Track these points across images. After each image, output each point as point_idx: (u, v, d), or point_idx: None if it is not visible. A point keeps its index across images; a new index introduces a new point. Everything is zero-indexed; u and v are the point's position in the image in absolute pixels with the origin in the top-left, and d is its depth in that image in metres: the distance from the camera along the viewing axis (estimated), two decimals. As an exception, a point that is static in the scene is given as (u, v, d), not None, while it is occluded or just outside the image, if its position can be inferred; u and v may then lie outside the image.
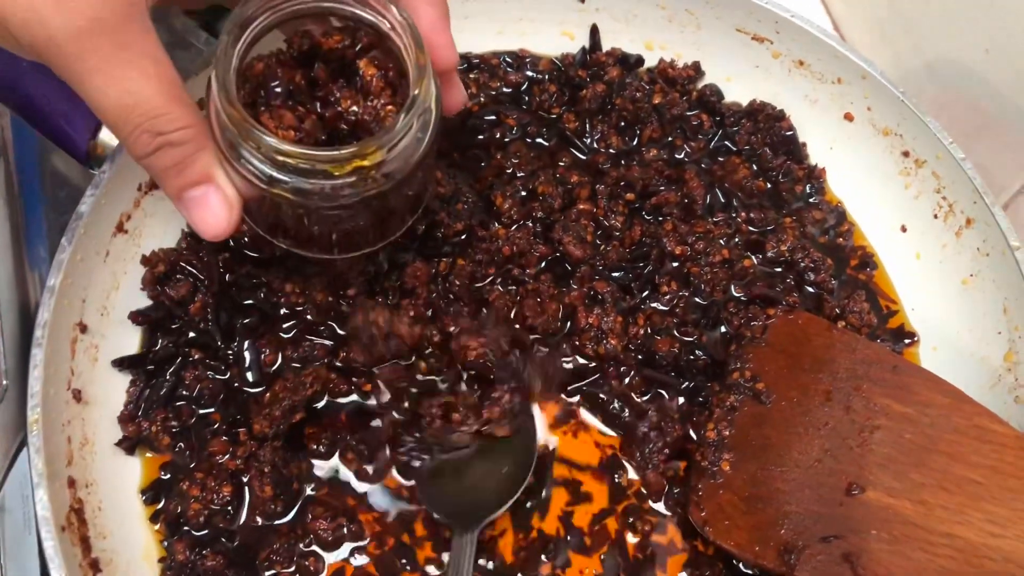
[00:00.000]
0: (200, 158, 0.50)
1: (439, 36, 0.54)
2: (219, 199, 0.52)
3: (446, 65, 0.55)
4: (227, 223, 0.52)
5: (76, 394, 0.62)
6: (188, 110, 0.49)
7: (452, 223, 0.73)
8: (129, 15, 0.45)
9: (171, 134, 0.48)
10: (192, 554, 0.61)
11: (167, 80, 0.47)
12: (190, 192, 0.51)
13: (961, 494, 0.60)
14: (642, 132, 0.81)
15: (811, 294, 0.74)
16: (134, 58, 0.46)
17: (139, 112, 0.47)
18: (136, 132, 0.48)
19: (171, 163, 0.50)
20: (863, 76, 0.77)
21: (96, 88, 0.46)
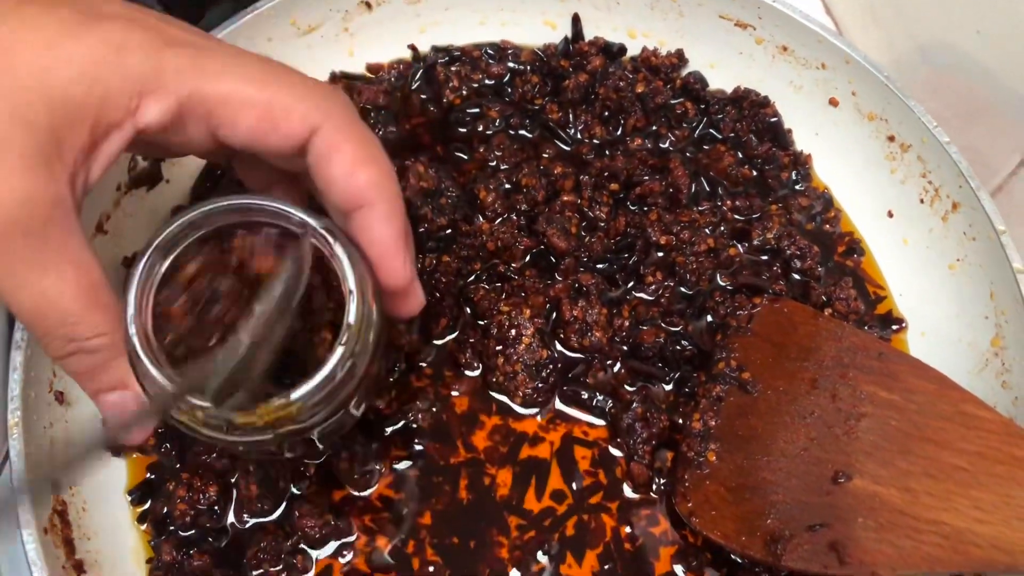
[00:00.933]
0: (116, 365, 0.48)
1: (390, 259, 0.51)
2: (134, 404, 0.50)
3: (397, 287, 0.52)
4: (144, 429, 0.51)
5: (59, 396, 0.62)
6: (105, 316, 0.46)
7: (436, 218, 0.73)
8: (50, 217, 0.44)
9: (85, 341, 0.46)
10: (179, 554, 0.61)
11: (85, 284, 0.45)
12: (105, 396, 0.49)
13: (947, 481, 0.60)
14: (626, 121, 0.81)
15: (798, 282, 0.74)
16: (51, 262, 0.44)
17: (53, 318, 0.45)
18: (48, 337, 0.46)
19: (85, 369, 0.48)
20: (847, 61, 0.76)
21: (9, 292, 0.44)
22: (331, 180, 0.50)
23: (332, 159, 0.49)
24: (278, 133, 0.49)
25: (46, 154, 0.43)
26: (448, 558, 0.63)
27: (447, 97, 0.82)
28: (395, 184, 0.51)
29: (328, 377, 0.47)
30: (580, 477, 0.66)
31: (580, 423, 0.68)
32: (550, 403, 0.69)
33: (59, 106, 0.44)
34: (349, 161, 0.49)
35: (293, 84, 0.50)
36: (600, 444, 0.68)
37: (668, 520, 0.65)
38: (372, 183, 0.50)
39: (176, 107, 0.47)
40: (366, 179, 0.50)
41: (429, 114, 0.82)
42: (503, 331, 0.68)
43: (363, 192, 0.50)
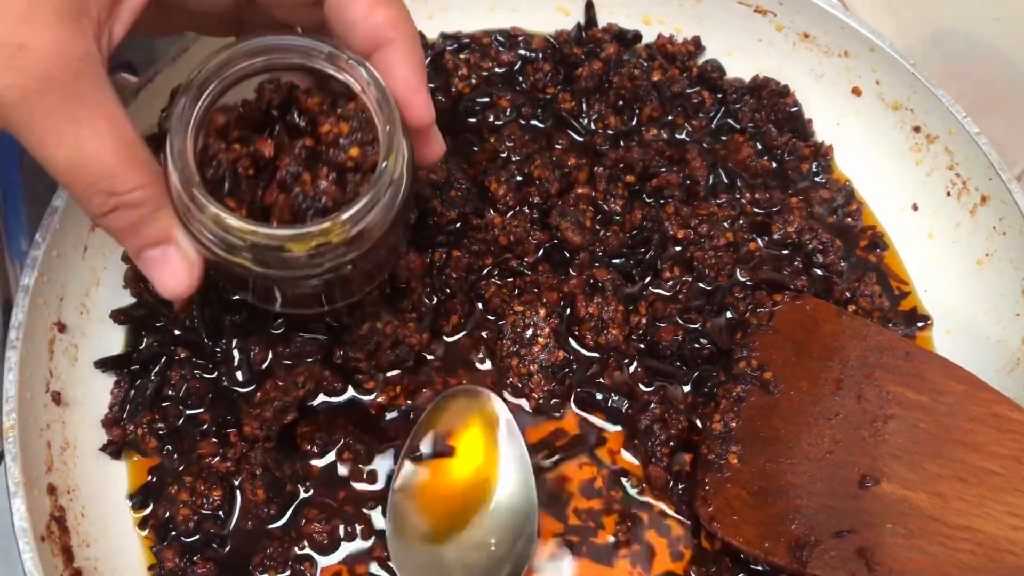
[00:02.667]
0: (158, 218, 0.48)
1: (414, 95, 0.52)
2: (179, 259, 0.49)
3: (421, 124, 0.53)
4: (188, 283, 0.50)
5: (55, 396, 0.60)
6: (144, 169, 0.46)
7: (445, 211, 0.71)
8: (81, 72, 0.43)
9: (126, 195, 0.46)
10: (182, 561, 0.60)
11: (122, 138, 0.45)
12: (148, 252, 0.49)
13: (980, 485, 0.58)
14: (641, 111, 0.78)
15: (820, 277, 0.72)
16: (86, 117, 0.44)
17: (92, 173, 0.45)
18: (89, 193, 0.45)
19: (127, 224, 0.48)
20: (871, 48, 0.74)
21: (47, 148, 0.44)
22: (350, 21, 0.50)
23: (350, 1, 0.50)
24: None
25: (74, 9, 0.43)
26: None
27: (456, 86, 0.79)
28: (412, 23, 0.52)
29: (374, 196, 0.48)
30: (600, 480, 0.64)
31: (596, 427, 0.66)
32: (565, 407, 0.66)
33: None
34: (367, 1, 0.50)
35: None
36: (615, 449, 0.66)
37: (686, 525, 0.63)
38: (391, 21, 0.50)
39: None
40: (384, 17, 0.50)
41: (438, 103, 0.78)
42: (517, 331, 0.65)
43: (383, 30, 0.50)
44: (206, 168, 0.49)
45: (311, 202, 0.49)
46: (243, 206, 0.49)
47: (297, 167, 0.49)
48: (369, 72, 0.50)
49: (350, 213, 0.47)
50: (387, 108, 0.49)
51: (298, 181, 0.49)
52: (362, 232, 0.48)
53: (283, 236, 0.47)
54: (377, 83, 0.50)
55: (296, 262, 0.48)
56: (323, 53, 0.50)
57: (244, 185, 0.50)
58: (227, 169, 0.49)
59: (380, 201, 0.48)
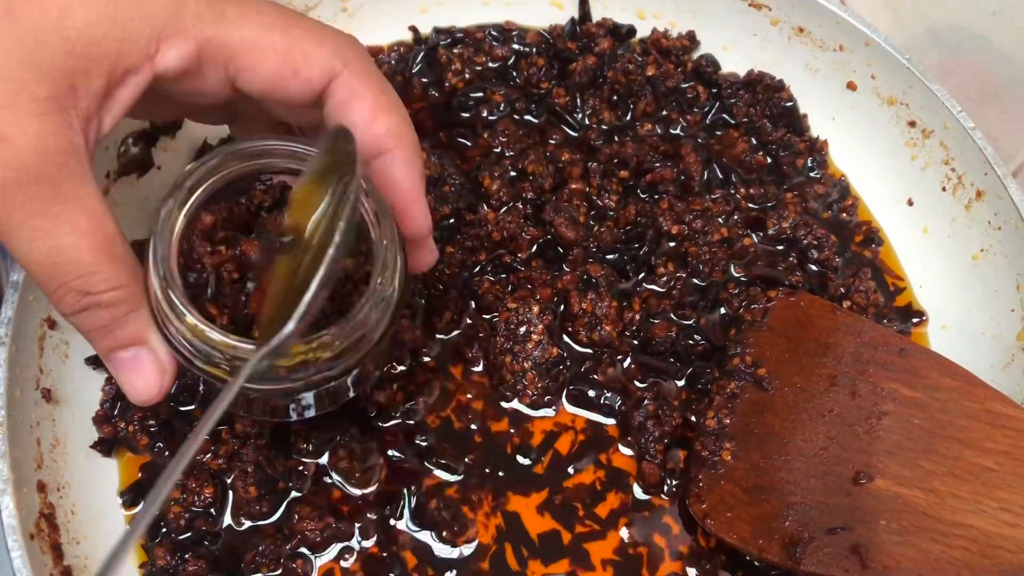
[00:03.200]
0: (132, 320, 0.46)
1: (412, 206, 0.51)
2: (151, 363, 0.48)
3: (418, 234, 0.52)
4: (158, 389, 0.49)
5: (46, 393, 0.60)
6: (122, 267, 0.45)
7: (439, 207, 0.70)
8: (64, 165, 0.42)
9: (100, 295, 0.45)
10: (174, 559, 0.59)
11: (101, 235, 0.44)
12: (119, 354, 0.48)
13: (974, 482, 0.58)
14: (635, 106, 0.78)
15: (815, 273, 0.72)
16: (65, 212, 0.43)
17: (67, 270, 0.43)
18: (62, 291, 0.44)
19: (99, 324, 0.46)
20: (866, 43, 0.73)
21: (20, 243, 0.43)
22: (352, 127, 0.49)
23: (352, 106, 0.49)
24: (298, 79, 0.48)
25: (60, 99, 0.42)
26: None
27: (449, 81, 0.79)
28: (413, 132, 0.51)
29: (364, 316, 0.46)
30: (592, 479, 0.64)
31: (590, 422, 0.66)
32: (557, 403, 0.66)
33: (76, 49, 0.42)
34: (369, 108, 0.49)
35: (313, 30, 0.49)
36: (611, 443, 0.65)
37: (680, 522, 0.63)
38: (392, 130, 0.50)
39: (195, 52, 0.46)
40: (387, 126, 0.50)
41: (431, 98, 0.79)
42: (511, 328, 0.65)
43: (384, 139, 0.50)
44: (189, 271, 0.47)
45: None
46: (226, 313, 0.48)
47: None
48: (368, 184, 0.48)
49: (337, 330, 0.45)
50: (384, 222, 0.48)
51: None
52: (349, 347, 0.47)
53: (264, 352, 0.44)
54: (375, 195, 0.48)
55: (276, 376, 0.46)
56: None
57: (228, 290, 0.48)
58: (211, 273, 0.48)
59: (371, 317, 0.47)
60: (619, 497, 0.64)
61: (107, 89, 0.44)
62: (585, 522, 0.63)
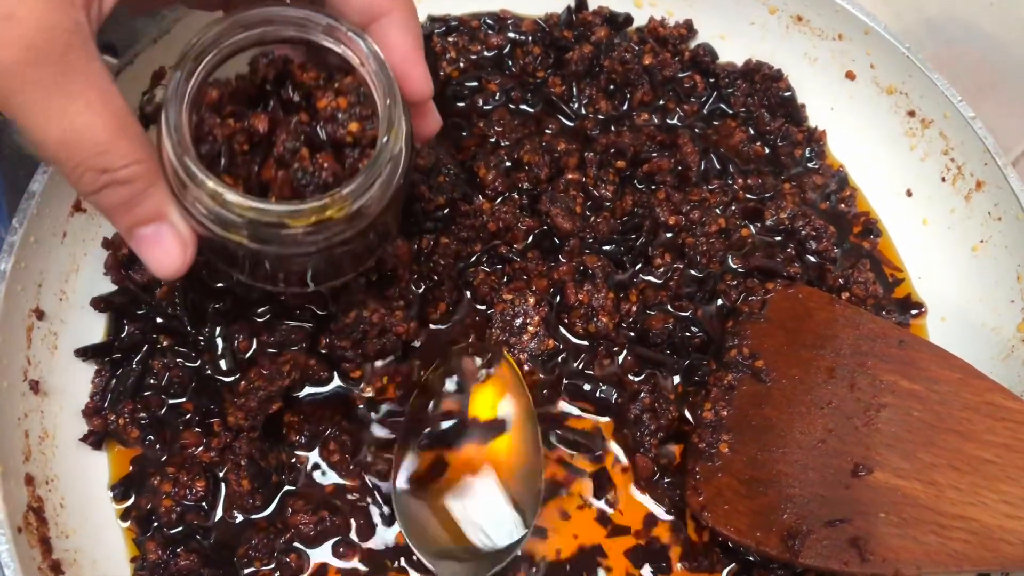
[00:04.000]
0: (151, 195, 0.46)
1: (412, 67, 0.50)
2: (172, 237, 0.48)
3: (420, 97, 0.52)
4: (181, 261, 0.49)
5: (33, 385, 0.59)
6: (137, 144, 0.45)
7: (433, 197, 0.69)
8: (70, 43, 0.42)
9: (118, 171, 0.44)
10: (165, 553, 0.59)
11: (113, 112, 0.43)
12: (141, 230, 0.47)
13: (974, 474, 0.57)
14: (632, 95, 0.77)
15: (813, 264, 0.71)
16: (77, 90, 0.42)
17: (83, 148, 0.43)
18: (80, 169, 0.44)
19: (119, 201, 0.46)
20: (866, 32, 0.72)
21: (36, 123, 0.42)
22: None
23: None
24: None
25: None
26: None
27: (444, 70, 0.78)
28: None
29: (374, 171, 0.46)
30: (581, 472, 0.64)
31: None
32: (555, 397, 0.65)
33: None
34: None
35: None
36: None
37: (674, 516, 0.63)
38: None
39: None
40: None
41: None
42: (507, 319, 0.64)
43: (380, 2, 0.49)
44: (201, 144, 0.47)
45: (310, 178, 0.48)
46: (239, 182, 0.48)
47: (295, 142, 0.48)
48: (368, 45, 0.48)
49: (351, 188, 0.46)
50: (386, 82, 0.48)
51: (296, 156, 0.48)
52: (361, 208, 0.47)
53: (283, 212, 0.45)
54: (376, 56, 0.48)
55: (292, 238, 0.47)
56: (320, 25, 0.48)
57: (240, 161, 0.48)
58: (222, 144, 0.48)
59: (380, 176, 0.47)
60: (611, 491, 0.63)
61: None
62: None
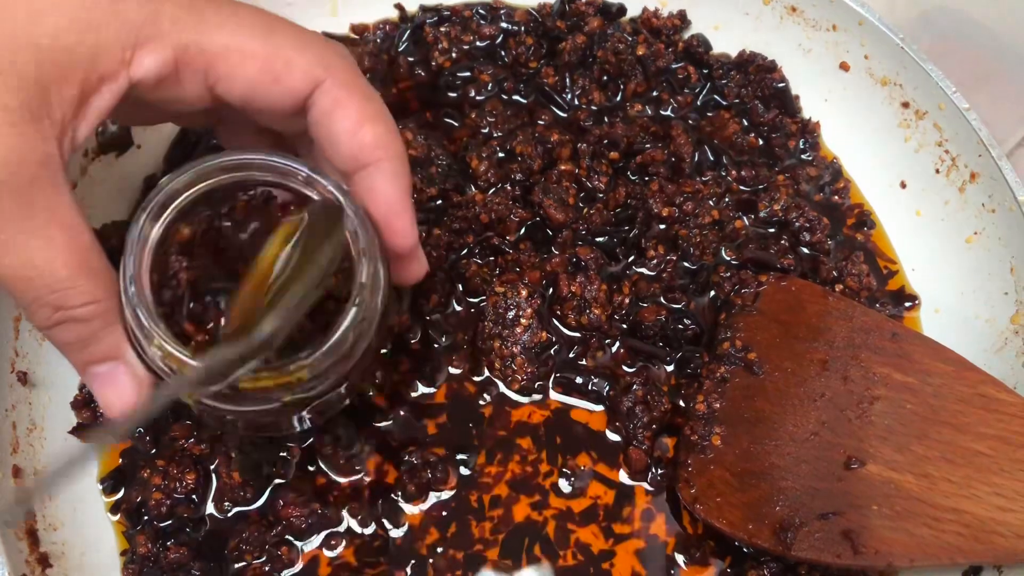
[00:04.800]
0: (108, 335, 0.45)
1: (397, 219, 0.49)
2: (127, 377, 0.46)
3: (404, 250, 0.50)
4: (135, 403, 0.47)
5: (21, 376, 0.59)
6: (98, 281, 0.44)
7: (425, 188, 0.69)
8: (37, 177, 0.41)
9: (75, 309, 0.43)
10: (155, 546, 0.58)
11: (76, 248, 0.43)
12: (94, 368, 0.46)
13: (967, 467, 0.57)
14: (625, 86, 0.77)
15: (807, 256, 0.71)
16: (39, 225, 0.41)
17: (40, 285, 0.42)
18: (35, 305, 0.43)
19: (74, 339, 0.45)
20: (860, 22, 0.72)
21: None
22: (335, 137, 0.48)
23: (336, 115, 0.48)
24: (280, 87, 0.46)
25: (33, 109, 0.40)
26: (444, 549, 0.60)
27: (436, 60, 0.77)
28: (400, 142, 0.50)
29: (341, 339, 0.45)
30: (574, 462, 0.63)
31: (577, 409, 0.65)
32: (546, 392, 0.65)
33: (48, 56, 0.41)
34: (355, 118, 0.48)
35: (295, 36, 0.47)
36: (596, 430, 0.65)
37: (667, 509, 0.62)
38: (379, 140, 0.48)
39: (172, 58, 0.44)
40: (373, 136, 0.48)
41: (417, 78, 0.77)
42: (499, 312, 0.64)
43: (369, 150, 0.48)
44: (164, 288, 0.46)
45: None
46: (205, 330, 0.46)
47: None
48: (348, 202, 0.46)
49: (316, 355, 0.44)
50: (365, 240, 0.46)
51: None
52: (330, 368, 0.45)
53: (241, 377, 0.43)
54: (356, 212, 0.46)
55: (254, 398, 0.45)
56: (301, 176, 0.47)
57: (205, 306, 0.47)
58: (187, 290, 0.46)
59: (349, 338, 0.45)
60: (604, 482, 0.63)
61: (81, 98, 0.42)
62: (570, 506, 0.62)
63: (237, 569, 0.58)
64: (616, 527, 0.61)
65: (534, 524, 0.61)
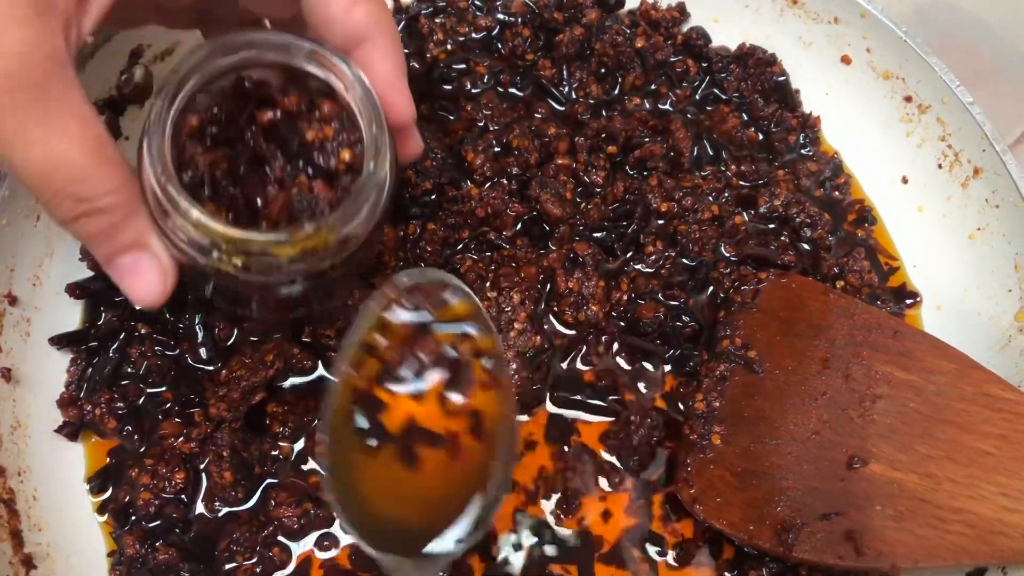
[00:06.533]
0: (130, 224, 0.45)
1: (395, 93, 0.50)
2: (152, 267, 0.47)
3: (403, 123, 0.51)
4: (161, 292, 0.47)
5: (5, 373, 0.58)
6: (116, 171, 0.44)
7: (420, 182, 0.68)
8: (49, 69, 0.41)
9: (97, 200, 0.43)
10: (143, 547, 0.57)
11: (92, 139, 0.42)
12: (119, 259, 0.46)
13: (971, 466, 0.56)
14: (624, 79, 0.75)
15: (807, 252, 0.70)
16: (56, 117, 0.41)
17: (61, 177, 0.42)
18: (58, 198, 0.42)
19: (97, 230, 0.45)
20: (862, 15, 0.71)
21: (13, 150, 0.41)
22: (329, 17, 0.48)
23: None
24: None
25: (41, 4, 0.41)
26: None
27: (431, 51, 0.76)
28: (392, 19, 0.50)
29: (362, 200, 0.45)
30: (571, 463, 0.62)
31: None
32: (541, 404, 0.64)
33: None
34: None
35: None
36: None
37: (665, 508, 0.62)
38: (371, 17, 0.48)
39: None
40: (365, 13, 0.48)
41: (412, 70, 0.76)
42: (492, 316, 0.63)
43: (363, 27, 0.48)
44: (183, 171, 0.46)
45: (306, 204, 0.47)
46: (222, 209, 0.46)
47: (295, 171, 0.47)
48: (353, 71, 0.47)
49: (338, 215, 0.45)
50: (372, 107, 0.47)
51: (295, 183, 0.47)
52: (348, 235, 0.46)
53: (270, 241, 0.44)
54: (362, 82, 0.47)
55: (278, 267, 0.45)
56: (304, 50, 0.47)
57: (223, 188, 0.47)
58: (204, 172, 0.46)
59: (367, 203, 0.46)
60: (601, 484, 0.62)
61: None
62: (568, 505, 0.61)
63: (228, 570, 0.57)
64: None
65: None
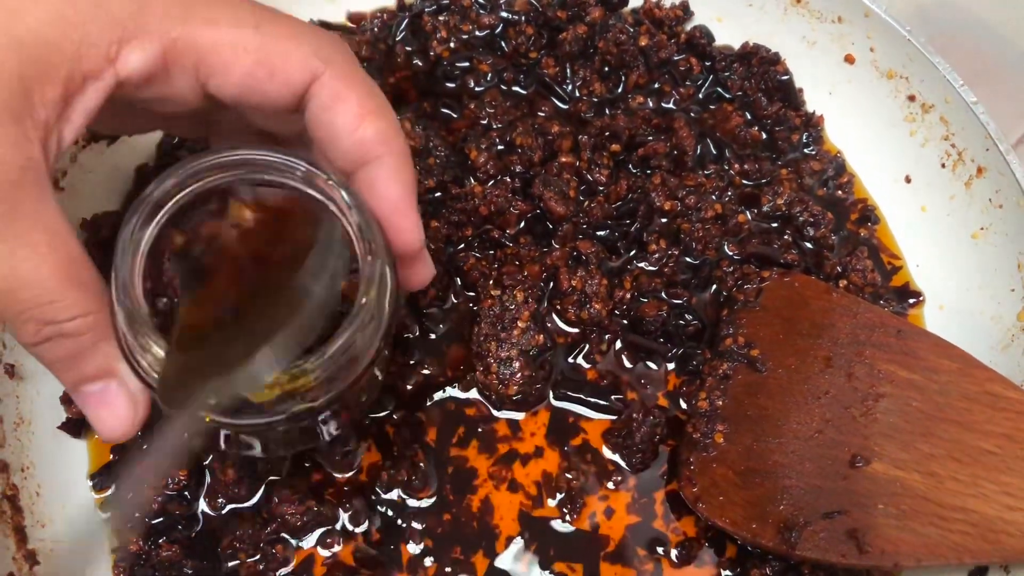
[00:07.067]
0: (99, 350, 0.42)
1: (401, 217, 0.47)
2: (121, 396, 0.44)
3: (408, 250, 0.48)
4: (131, 423, 0.44)
5: (8, 369, 0.58)
6: (87, 293, 0.41)
7: (423, 180, 0.68)
8: (20, 182, 0.38)
9: (64, 324, 0.41)
10: (146, 544, 0.57)
11: (63, 257, 0.40)
12: (86, 387, 0.43)
13: (974, 465, 0.56)
14: (627, 78, 0.75)
15: (810, 251, 0.70)
16: (23, 233, 0.39)
17: (27, 297, 0.39)
18: (21, 319, 0.40)
19: (64, 355, 0.42)
20: (866, 14, 0.71)
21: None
22: (335, 133, 0.46)
23: (336, 109, 0.45)
24: (275, 81, 0.44)
25: (15, 109, 0.38)
26: (441, 548, 0.59)
27: (434, 49, 0.76)
28: (403, 137, 0.48)
29: (347, 343, 0.42)
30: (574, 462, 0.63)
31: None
32: (544, 401, 0.64)
33: (30, 53, 0.39)
34: (355, 112, 0.45)
35: (290, 27, 0.45)
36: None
37: (666, 507, 0.62)
38: (381, 136, 0.46)
39: (161, 54, 0.42)
40: (374, 131, 0.46)
41: (415, 67, 0.76)
42: (495, 315, 0.63)
43: (371, 146, 0.46)
44: (159, 297, 0.44)
45: None
46: None
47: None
48: (351, 195, 0.44)
49: (322, 359, 0.41)
50: (369, 236, 0.43)
51: None
52: (335, 375, 0.43)
53: (238, 383, 0.40)
54: (360, 208, 0.44)
55: (259, 409, 0.42)
56: (300, 171, 0.44)
57: None
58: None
59: (357, 341, 0.43)
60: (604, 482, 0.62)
61: (65, 97, 0.40)
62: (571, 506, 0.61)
63: (230, 568, 0.57)
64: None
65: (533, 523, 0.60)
